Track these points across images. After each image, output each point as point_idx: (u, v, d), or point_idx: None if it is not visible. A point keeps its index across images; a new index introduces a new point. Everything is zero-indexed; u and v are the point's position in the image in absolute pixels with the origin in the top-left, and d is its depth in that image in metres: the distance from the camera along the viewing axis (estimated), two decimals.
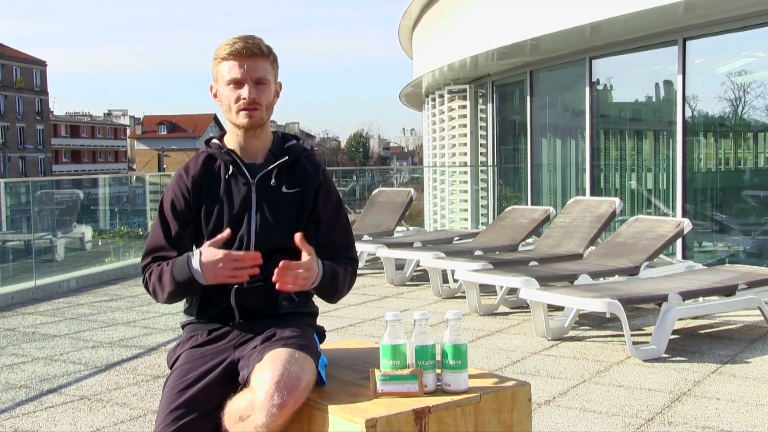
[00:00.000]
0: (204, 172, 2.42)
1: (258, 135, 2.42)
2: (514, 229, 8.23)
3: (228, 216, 2.37)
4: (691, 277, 5.94)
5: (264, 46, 2.38)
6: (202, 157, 2.45)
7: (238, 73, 2.34)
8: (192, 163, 2.46)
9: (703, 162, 8.92)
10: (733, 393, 4.19)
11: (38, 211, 10.60)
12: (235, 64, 2.34)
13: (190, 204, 2.40)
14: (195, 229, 2.42)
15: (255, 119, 2.36)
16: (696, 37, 8.32)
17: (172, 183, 2.44)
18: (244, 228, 2.37)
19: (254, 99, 2.34)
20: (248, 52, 2.34)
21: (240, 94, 2.34)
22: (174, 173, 2.49)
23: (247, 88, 2.34)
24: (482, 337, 5.57)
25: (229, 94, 2.36)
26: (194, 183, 2.40)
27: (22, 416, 3.98)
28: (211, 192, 2.40)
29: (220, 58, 2.37)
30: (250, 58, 2.34)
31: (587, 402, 4.05)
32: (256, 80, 2.35)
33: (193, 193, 2.40)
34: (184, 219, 2.41)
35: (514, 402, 2.19)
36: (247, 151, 2.43)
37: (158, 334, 5.80)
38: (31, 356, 5.19)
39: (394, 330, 2.17)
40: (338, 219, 2.49)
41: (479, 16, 10.80)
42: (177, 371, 2.27)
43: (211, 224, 2.39)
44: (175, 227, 2.41)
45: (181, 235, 2.41)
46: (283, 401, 2.01)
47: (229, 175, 2.40)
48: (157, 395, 4.18)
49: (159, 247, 2.42)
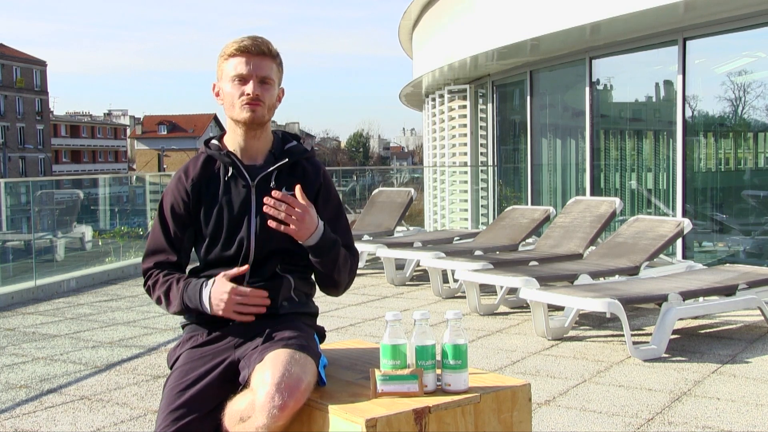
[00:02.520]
0: (203, 174, 2.41)
1: (258, 136, 2.41)
2: (514, 229, 8.22)
3: (227, 218, 2.37)
4: (691, 277, 5.93)
5: (272, 48, 2.39)
6: (202, 158, 2.44)
7: (244, 70, 2.34)
8: (191, 165, 2.44)
9: (703, 162, 8.92)
10: (733, 393, 4.18)
11: (38, 211, 10.59)
12: (242, 60, 2.34)
13: (189, 207, 2.39)
14: (195, 231, 2.42)
15: (257, 114, 2.35)
16: (696, 37, 8.32)
17: (171, 185, 2.43)
18: (243, 230, 2.36)
19: (258, 95, 2.33)
20: (256, 50, 2.35)
21: (244, 89, 2.34)
22: (173, 174, 2.48)
23: (251, 84, 2.33)
24: (482, 337, 5.56)
25: (232, 91, 2.35)
26: (194, 185, 2.39)
27: (22, 416, 3.97)
28: (211, 194, 2.39)
29: (227, 55, 2.37)
30: (257, 56, 2.35)
31: (587, 402, 4.04)
32: (261, 78, 2.35)
33: (193, 195, 2.39)
34: (184, 221, 2.41)
35: (514, 402, 2.18)
36: (246, 152, 2.42)
37: (158, 334, 5.79)
38: (31, 356, 5.19)
39: (394, 330, 2.17)
40: (339, 221, 2.48)
41: (479, 15, 10.80)
42: (177, 371, 2.26)
43: (210, 226, 2.38)
44: (174, 229, 2.41)
45: (181, 237, 2.41)
46: (283, 402, 2.01)
47: (229, 177, 2.39)
48: (157, 395, 4.17)
49: (160, 249, 2.42)
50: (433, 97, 14.79)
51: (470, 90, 13.20)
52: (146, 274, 2.45)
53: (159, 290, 2.38)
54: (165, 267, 2.42)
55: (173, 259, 2.41)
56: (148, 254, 2.45)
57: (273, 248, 2.36)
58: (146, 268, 2.44)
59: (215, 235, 2.37)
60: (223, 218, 2.37)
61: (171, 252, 2.41)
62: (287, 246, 2.36)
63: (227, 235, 2.37)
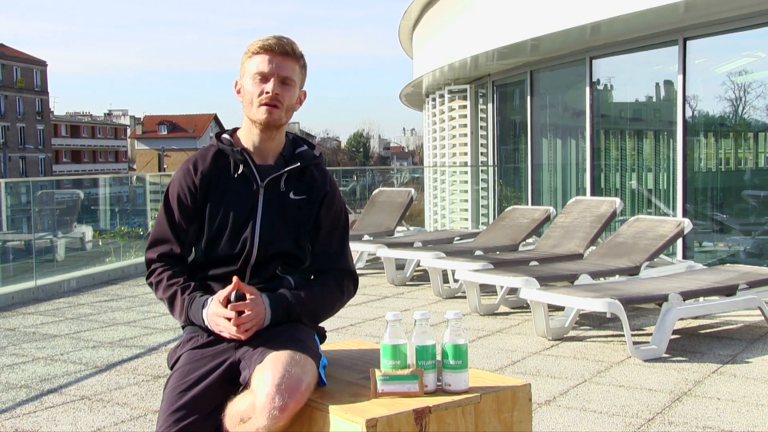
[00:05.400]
0: (213, 168, 2.39)
1: (273, 137, 2.41)
2: (515, 229, 8.22)
3: (233, 217, 2.36)
4: (691, 277, 5.93)
5: (296, 49, 2.38)
6: (212, 151, 2.42)
7: (266, 68, 2.33)
8: (200, 158, 2.42)
9: (703, 162, 8.91)
10: (733, 393, 4.18)
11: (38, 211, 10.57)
12: (265, 58, 2.34)
13: (196, 199, 2.37)
14: (199, 225, 2.40)
15: (274, 117, 2.34)
16: (696, 37, 8.32)
17: (179, 175, 2.41)
18: (248, 231, 2.35)
19: (277, 95, 2.32)
20: (280, 49, 2.34)
21: (264, 88, 2.33)
22: (181, 165, 2.45)
23: (272, 83, 2.32)
24: (482, 337, 5.56)
25: (252, 89, 2.34)
26: (203, 179, 2.37)
27: (23, 416, 3.96)
28: (219, 191, 2.37)
29: (251, 52, 2.36)
30: (280, 55, 2.34)
31: (588, 402, 4.04)
32: (282, 78, 2.34)
33: (201, 189, 2.37)
34: (189, 214, 2.39)
35: (515, 402, 2.18)
36: (259, 151, 2.41)
37: (158, 334, 5.79)
38: (31, 356, 5.18)
39: (395, 330, 2.17)
40: (336, 229, 2.47)
41: (480, 15, 10.80)
42: (178, 372, 2.26)
43: (216, 224, 2.37)
44: (180, 220, 2.39)
45: (186, 229, 2.40)
46: (284, 403, 2.01)
47: (239, 174, 2.38)
48: (157, 395, 4.16)
49: (164, 239, 2.41)
50: (434, 97, 14.78)
51: (470, 90, 13.20)
52: (150, 267, 2.44)
53: (163, 293, 2.38)
54: (168, 260, 2.41)
55: (177, 251, 2.40)
56: (152, 244, 2.43)
57: (276, 250, 2.36)
58: (149, 259, 2.43)
59: (219, 232, 2.36)
60: (229, 216, 2.36)
61: (175, 243, 2.39)
62: (289, 249, 2.36)
63: (231, 234, 2.36)
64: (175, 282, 2.37)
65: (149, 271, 2.44)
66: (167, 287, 2.37)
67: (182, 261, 2.43)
